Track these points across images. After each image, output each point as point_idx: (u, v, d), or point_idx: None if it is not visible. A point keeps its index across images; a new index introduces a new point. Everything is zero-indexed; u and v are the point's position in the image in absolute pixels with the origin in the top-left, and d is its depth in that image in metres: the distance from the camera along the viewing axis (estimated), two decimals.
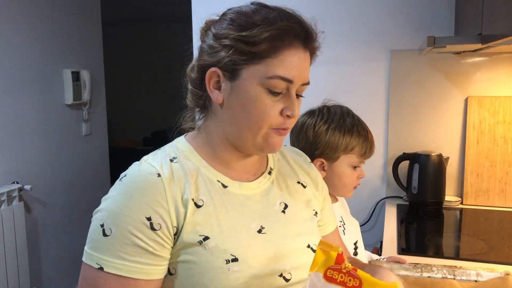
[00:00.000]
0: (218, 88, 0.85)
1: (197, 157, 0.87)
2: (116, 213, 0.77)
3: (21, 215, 2.52)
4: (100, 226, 0.78)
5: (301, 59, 0.83)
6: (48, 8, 2.82)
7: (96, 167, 3.36)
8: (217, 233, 0.81)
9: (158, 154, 0.87)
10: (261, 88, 0.81)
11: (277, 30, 0.80)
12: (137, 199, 0.78)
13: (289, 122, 0.84)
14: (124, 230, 0.76)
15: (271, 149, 0.86)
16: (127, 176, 0.82)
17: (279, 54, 0.80)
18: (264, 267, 0.83)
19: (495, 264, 1.25)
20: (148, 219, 0.77)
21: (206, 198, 0.83)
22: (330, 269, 0.66)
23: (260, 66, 0.81)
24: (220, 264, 0.79)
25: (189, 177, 0.83)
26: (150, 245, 0.77)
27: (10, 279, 2.42)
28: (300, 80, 0.83)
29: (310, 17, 0.89)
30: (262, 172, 0.93)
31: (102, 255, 0.76)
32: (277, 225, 0.88)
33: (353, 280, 0.64)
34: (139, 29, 5.83)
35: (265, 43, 0.80)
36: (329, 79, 2.06)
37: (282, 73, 0.80)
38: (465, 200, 1.94)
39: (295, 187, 0.97)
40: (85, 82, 3.09)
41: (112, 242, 0.76)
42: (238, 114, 0.84)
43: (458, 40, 1.46)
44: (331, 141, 1.29)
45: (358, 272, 0.65)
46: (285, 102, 0.82)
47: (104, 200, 0.81)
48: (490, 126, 1.92)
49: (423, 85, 1.98)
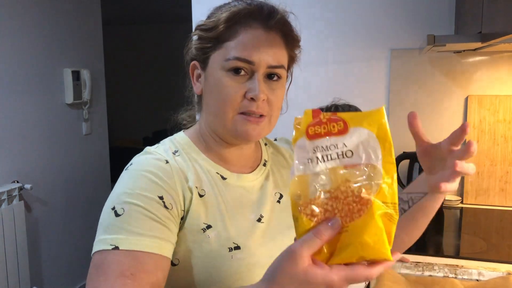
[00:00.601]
0: (199, 80, 0.88)
1: (196, 150, 0.89)
2: (127, 194, 0.76)
3: (21, 214, 2.52)
4: (111, 209, 0.75)
5: (261, 39, 0.82)
6: (48, 7, 2.82)
7: (96, 166, 3.36)
8: (219, 221, 0.82)
9: (160, 147, 0.88)
10: (222, 71, 0.82)
11: (232, 12, 0.82)
12: (149, 180, 0.78)
13: (255, 105, 0.81)
14: (138, 206, 0.75)
15: (245, 137, 0.83)
16: (134, 164, 0.82)
17: (237, 35, 0.81)
18: (265, 254, 0.84)
19: (495, 262, 1.25)
20: (161, 198, 0.77)
21: (207, 189, 0.84)
22: (311, 126, 0.59)
23: (221, 51, 0.82)
24: (223, 252, 0.80)
25: (191, 169, 0.84)
26: (164, 221, 0.76)
27: (11, 278, 2.42)
28: (264, 62, 0.81)
29: (279, 3, 0.87)
30: (258, 164, 0.95)
31: (116, 235, 0.73)
32: (273, 214, 0.90)
33: (337, 124, 0.58)
34: (139, 28, 5.82)
35: (221, 26, 0.82)
36: (330, 78, 2.06)
37: (238, 53, 0.81)
38: (466, 199, 1.94)
39: (289, 177, 0.97)
40: (86, 82, 3.09)
41: (126, 220, 0.73)
42: (210, 102, 0.85)
43: (457, 39, 1.46)
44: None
45: (338, 114, 0.59)
46: (249, 84, 0.81)
47: (112, 190, 0.80)
48: (490, 125, 1.92)
49: (423, 84, 1.98)
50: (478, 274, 0.86)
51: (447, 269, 0.89)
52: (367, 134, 0.58)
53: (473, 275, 0.87)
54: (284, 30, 0.85)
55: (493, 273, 0.85)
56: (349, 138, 0.58)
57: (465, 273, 0.87)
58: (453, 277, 0.89)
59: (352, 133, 0.58)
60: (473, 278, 0.86)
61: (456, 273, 0.88)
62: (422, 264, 0.89)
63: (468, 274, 0.87)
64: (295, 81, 1.00)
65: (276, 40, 0.84)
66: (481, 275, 0.86)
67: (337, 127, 0.58)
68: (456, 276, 0.88)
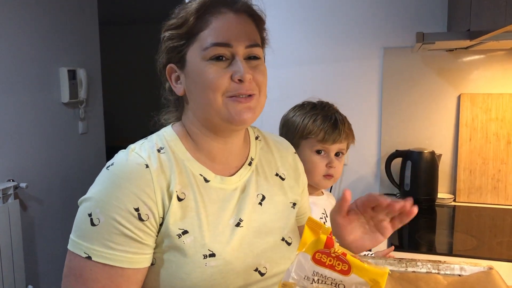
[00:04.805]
0: (179, 82, 0.88)
1: (182, 148, 0.88)
2: (104, 202, 0.78)
3: (16, 213, 2.52)
4: (88, 216, 0.78)
5: (233, 22, 0.84)
6: (44, 6, 2.83)
7: (92, 165, 3.36)
8: (196, 227, 0.82)
9: (146, 144, 0.87)
10: (203, 61, 0.83)
11: (199, 3, 0.84)
12: (126, 189, 0.78)
13: (244, 87, 0.82)
14: (112, 219, 0.77)
15: (238, 118, 0.83)
16: (115, 165, 0.82)
17: (209, 24, 0.83)
18: (240, 262, 0.84)
19: (485, 260, 1.25)
20: (136, 209, 0.78)
21: (188, 192, 0.84)
22: (319, 252, 0.65)
23: (197, 43, 0.83)
24: (197, 259, 0.80)
25: (175, 169, 0.84)
26: (138, 235, 0.78)
27: (6, 277, 2.42)
28: (241, 42, 0.83)
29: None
30: (243, 163, 0.94)
31: (91, 244, 0.77)
32: (253, 216, 0.89)
33: (342, 265, 0.64)
34: (136, 28, 5.82)
35: (191, 19, 0.83)
36: (322, 76, 2.06)
37: (215, 39, 0.82)
38: (458, 197, 1.95)
39: (274, 179, 0.97)
40: (82, 81, 3.10)
41: (101, 232, 0.77)
42: (197, 95, 0.85)
43: (446, 36, 1.47)
44: (292, 127, 1.33)
45: (348, 257, 0.65)
46: (233, 67, 0.82)
47: (91, 189, 0.81)
48: (483, 123, 1.92)
49: (416, 82, 1.98)
50: (460, 269, 0.86)
51: (430, 265, 0.89)
52: (364, 283, 0.64)
53: (455, 270, 0.87)
54: (250, 11, 0.87)
55: (475, 268, 0.86)
56: (348, 280, 0.64)
57: (447, 269, 0.87)
58: (436, 272, 0.89)
59: (352, 278, 0.64)
60: (455, 273, 0.87)
61: (439, 269, 0.88)
62: (405, 260, 0.90)
63: (451, 270, 0.87)
64: (288, 79, 1.00)
65: (247, 21, 0.86)
66: (463, 270, 0.86)
67: (341, 267, 0.64)
68: (439, 272, 0.89)
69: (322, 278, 0.64)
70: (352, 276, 0.63)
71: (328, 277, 0.64)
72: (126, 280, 0.78)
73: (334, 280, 0.64)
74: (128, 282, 0.78)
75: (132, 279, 0.79)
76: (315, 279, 0.64)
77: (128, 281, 0.78)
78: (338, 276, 0.64)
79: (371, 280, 0.63)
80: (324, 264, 0.65)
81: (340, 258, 0.64)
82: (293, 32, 2.05)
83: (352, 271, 0.63)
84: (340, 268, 0.64)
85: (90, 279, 0.77)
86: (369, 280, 0.63)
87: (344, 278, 0.64)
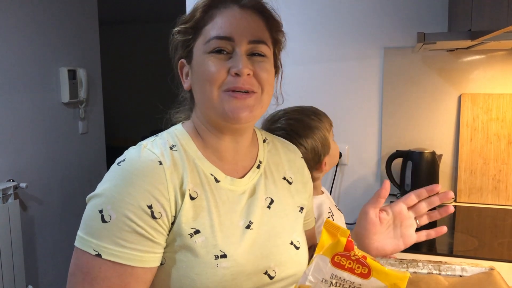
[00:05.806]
0: (187, 77, 0.89)
1: (193, 147, 0.87)
2: (116, 199, 0.75)
3: (16, 213, 2.52)
4: (99, 212, 0.75)
5: (237, 17, 0.83)
6: (45, 6, 2.83)
7: (92, 165, 3.36)
8: (208, 227, 0.81)
9: (157, 141, 0.86)
10: (205, 55, 0.83)
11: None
12: (139, 186, 0.76)
13: (240, 81, 0.81)
14: (125, 217, 0.74)
15: (232, 116, 0.81)
16: (126, 161, 0.80)
17: (214, 18, 0.83)
18: (250, 264, 0.83)
19: (485, 260, 1.25)
20: (149, 207, 0.76)
21: (199, 191, 0.83)
22: (338, 255, 0.64)
23: (201, 37, 0.84)
24: (209, 260, 0.79)
25: (187, 167, 0.83)
26: (150, 233, 0.76)
27: (6, 277, 2.42)
28: (244, 37, 0.82)
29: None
30: (251, 166, 0.92)
31: (100, 241, 0.74)
32: (263, 220, 0.88)
33: (362, 268, 0.63)
34: (136, 27, 5.82)
35: (198, 13, 0.84)
36: (323, 76, 2.06)
37: (216, 32, 0.82)
38: (459, 198, 1.94)
39: (281, 183, 0.96)
40: (82, 80, 3.09)
41: (112, 229, 0.74)
42: (198, 89, 0.85)
43: (447, 36, 1.46)
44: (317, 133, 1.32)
45: (368, 260, 0.64)
46: (232, 61, 0.82)
47: (101, 185, 0.79)
48: (484, 123, 1.92)
49: (416, 82, 1.98)
50: (461, 270, 0.86)
51: (431, 265, 0.89)
52: (384, 287, 0.63)
53: (456, 271, 0.87)
54: (259, 7, 0.87)
55: (476, 269, 0.86)
56: (367, 283, 0.63)
57: (448, 269, 0.87)
58: (437, 273, 0.89)
59: (372, 281, 0.63)
60: (456, 274, 0.87)
61: (440, 270, 0.88)
62: (406, 260, 0.90)
63: (452, 270, 0.87)
64: (287, 79, 0.99)
65: (254, 18, 0.85)
66: (464, 271, 0.86)
67: (361, 270, 0.64)
68: (440, 273, 0.89)
69: (341, 281, 0.64)
70: (372, 280, 0.63)
71: (346, 280, 0.63)
72: (135, 279, 0.76)
73: (353, 283, 0.63)
74: (137, 282, 0.76)
75: (141, 278, 0.77)
76: (333, 282, 0.64)
77: (137, 281, 0.76)
78: (357, 279, 0.63)
79: (391, 284, 0.62)
80: (343, 267, 0.64)
81: (360, 261, 0.64)
82: (293, 32, 2.04)
83: (372, 274, 0.63)
84: (359, 271, 0.63)
85: (98, 278, 0.74)
86: (389, 284, 0.62)
87: (363, 282, 0.63)
